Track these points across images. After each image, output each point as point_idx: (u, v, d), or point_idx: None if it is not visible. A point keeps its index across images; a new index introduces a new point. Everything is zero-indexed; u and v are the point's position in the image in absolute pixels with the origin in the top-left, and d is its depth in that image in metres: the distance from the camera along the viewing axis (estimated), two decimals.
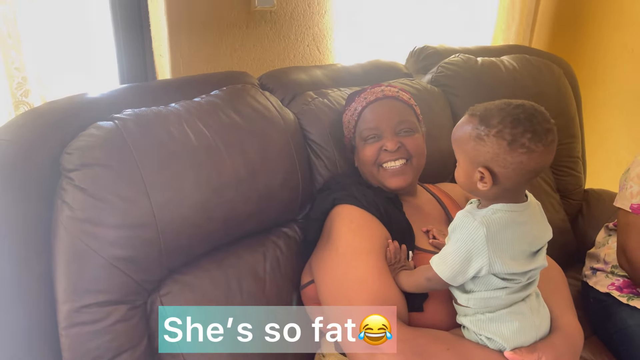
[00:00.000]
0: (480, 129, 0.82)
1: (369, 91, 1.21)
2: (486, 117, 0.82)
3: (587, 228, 1.89)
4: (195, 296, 1.05)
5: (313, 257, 1.09)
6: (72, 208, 0.93)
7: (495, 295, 0.86)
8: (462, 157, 0.87)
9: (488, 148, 0.81)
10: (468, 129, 0.84)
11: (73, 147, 0.96)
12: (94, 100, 1.09)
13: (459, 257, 0.84)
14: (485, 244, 0.82)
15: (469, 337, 0.90)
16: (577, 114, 1.94)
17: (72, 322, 0.93)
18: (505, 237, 0.83)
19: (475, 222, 0.83)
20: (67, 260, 0.93)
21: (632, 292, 1.41)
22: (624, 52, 2.31)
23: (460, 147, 0.87)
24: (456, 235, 0.85)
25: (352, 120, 1.20)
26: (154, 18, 1.48)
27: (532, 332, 0.88)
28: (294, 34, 1.73)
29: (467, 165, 0.86)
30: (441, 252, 0.88)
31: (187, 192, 1.00)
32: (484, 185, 0.84)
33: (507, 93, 1.68)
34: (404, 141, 1.13)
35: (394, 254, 0.98)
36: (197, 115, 1.09)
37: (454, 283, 0.87)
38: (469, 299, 0.88)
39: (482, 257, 0.82)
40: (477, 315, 0.89)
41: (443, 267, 0.86)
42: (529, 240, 0.86)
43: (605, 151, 2.45)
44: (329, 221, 1.06)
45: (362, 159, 1.17)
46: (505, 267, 0.83)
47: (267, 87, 1.36)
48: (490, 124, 0.81)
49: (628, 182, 1.43)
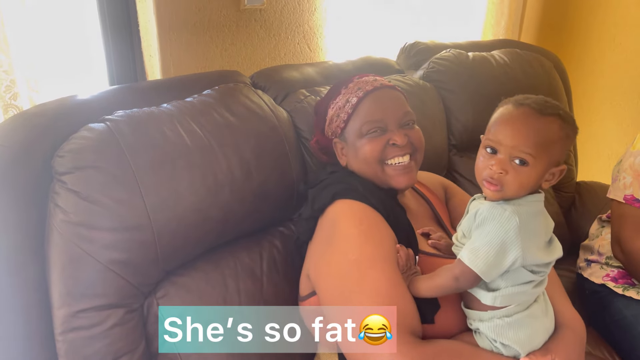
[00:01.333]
0: (568, 129, 0.82)
1: (360, 81, 1.09)
2: (566, 114, 0.82)
3: (580, 220, 1.90)
4: (192, 298, 1.04)
5: (311, 264, 0.98)
6: (66, 212, 0.92)
7: (523, 290, 0.84)
8: (544, 158, 0.81)
9: (570, 144, 0.84)
10: (556, 129, 0.81)
11: (65, 150, 0.94)
12: (84, 102, 1.07)
13: (493, 249, 0.79)
14: (519, 234, 0.79)
15: (482, 344, 0.87)
16: (567, 107, 1.95)
17: (69, 327, 0.92)
18: (534, 227, 0.82)
19: (506, 212, 0.80)
20: (62, 265, 0.92)
21: (627, 283, 1.42)
22: (612, 46, 2.33)
23: (545, 148, 0.80)
24: (486, 227, 0.81)
25: (344, 113, 1.06)
26: (142, 18, 1.47)
27: (543, 334, 0.88)
28: (284, 32, 1.72)
29: (546, 167, 0.82)
30: (470, 247, 0.82)
31: (182, 193, 0.99)
32: (549, 183, 0.84)
33: (499, 87, 1.68)
34: (409, 134, 1.04)
35: (406, 260, 0.90)
36: (190, 115, 1.07)
37: (488, 278, 0.82)
38: (495, 297, 0.84)
39: (516, 248, 0.79)
40: (495, 320, 0.85)
41: (477, 261, 0.80)
42: (546, 230, 0.86)
43: (596, 143, 2.47)
44: (327, 219, 0.95)
45: (362, 157, 1.03)
46: (535, 258, 0.82)
47: (260, 86, 1.35)
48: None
49: (621, 173, 1.44)
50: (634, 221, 1.38)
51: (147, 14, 1.45)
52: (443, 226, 1.13)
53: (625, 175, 1.42)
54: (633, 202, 1.38)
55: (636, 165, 1.40)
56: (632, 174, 1.40)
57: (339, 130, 1.09)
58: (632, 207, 1.39)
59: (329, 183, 1.02)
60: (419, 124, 1.45)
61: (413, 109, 1.47)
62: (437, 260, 0.98)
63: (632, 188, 1.39)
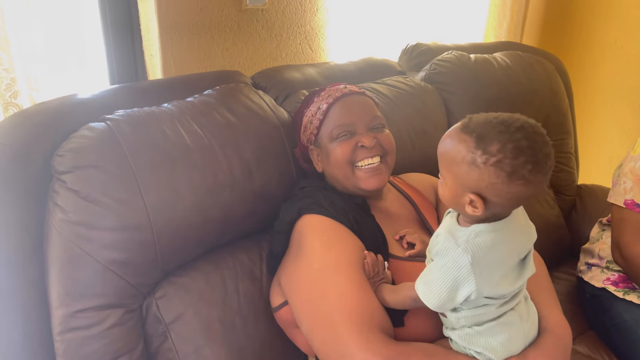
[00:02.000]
0: (477, 154, 0.74)
1: (331, 89, 1.13)
2: (484, 140, 0.74)
3: (581, 223, 1.89)
4: (192, 298, 1.03)
5: (282, 275, 1.01)
6: (65, 211, 0.91)
7: (485, 312, 0.83)
8: (449, 177, 0.79)
9: (484, 176, 0.74)
10: (461, 150, 0.76)
11: (65, 149, 0.94)
12: (84, 101, 1.07)
13: (446, 285, 0.78)
14: (472, 271, 0.76)
15: (457, 350, 0.87)
16: (569, 110, 1.95)
17: (67, 327, 0.92)
18: (492, 258, 0.78)
19: (459, 249, 0.77)
20: (61, 264, 0.91)
21: (628, 287, 1.42)
22: (613, 48, 2.33)
23: (449, 166, 0.78)
24: (440, 261, 0.80)
25: (316, 119, 1.09)
26: (144, 18, 1.47)
27: (521, 340, 0.86)
28: (285, 33, 1.72)
29: (455, 186, 0.79)
30: (425, 277, 0.82)
31: (182, 193, 0.99)
32: (474, 211, 0.77)
33: (501, 90, 1.68)
34: (378, 137, 1.06)
35: (372, 266, 0.92)
36: (191, 115, 1.07)
37: (442, 310, 0.83)
38: (459, 317, 0.84)
39: (469, 284, 0.77)
40: (465, 329, 0.84)
41: (430, 296, 0.80)
42: (515, 254, 0.82)
43: (597, 147, 2.46)
44: (296, 233, 0.99)
45: (334, 160, 1.06)
46: (495, 289, 0.80)
47: (261, 86, 1.34)
48: (488, 151, 0.73)
49: (621, 177, 1.43)
50: (634, 226, 1.37)
51: (149, 13, 1.44)
52: (428, 228, 1.13)
53: (625, 180, 1.41)
54: (633, 207, 1.38)
55: (636, 170, 1.39)
56: (633, 178, 1.39)
57: (312, 137, 1.11)
58: (632, 212, 1.38)
59: (297, 198, 1.05)
60: (420, 125, 1.46)
61: (414, 110, 1.48)
62: (408, 264, 0.99)
63: (633, 193, 1.38)
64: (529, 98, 1.76)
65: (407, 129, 1.43)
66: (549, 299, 0.98)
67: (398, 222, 1.10)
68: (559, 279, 1.72)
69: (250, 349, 1.05)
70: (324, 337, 0.88)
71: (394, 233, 1.06)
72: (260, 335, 1.07)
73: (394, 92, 1.48)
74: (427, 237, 1.10)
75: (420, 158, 1.44)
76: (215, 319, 1.03)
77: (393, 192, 1.19)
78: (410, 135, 1.43)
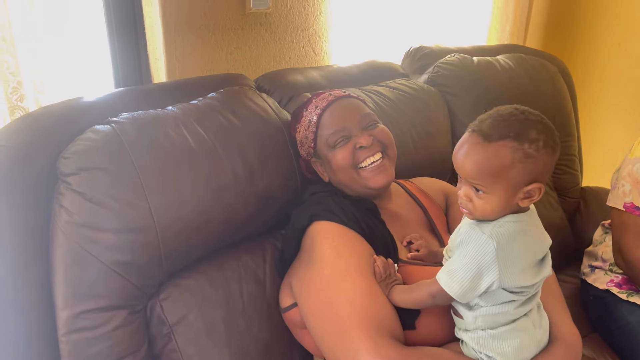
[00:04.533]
0: (526, 147, 0.76)
1: (317, 99, 1.13)
2: (521, 134, 0.77)
3: (585, 226, 1.89)
4: (196, 300, 1.04)
5: (294, 279, 1.02)
6: (70, 213, 0.92)
7: (504, 311, 0.83)
8: (500, 187, 0.78)
9: (539, 162, 0.77)
10: (506, 154, 0.77)
11: (70, 152, 0.95)
12: (89, 104, 1.08)
13: (469, 273, 0.79)
14: (496, 258, 0.77)
15: (468, 353, 0.87)
16: (573, 112, 1.94)
17: (72, 328, 0.92)
18: (515, 249, 0.80)
19: (484, 235, 0.79)
20: (66, 266, 0.92)
21: (632, 289, 1.41)
22: (617, 51, 2.32)
23: (496, 177, 0.78)
24: (464, 250, 0.81)
25: (310, 133, 1.11)
26: (148, 21, 1.48)
27: (533, 348, 0.86)
28: (289, 36, 1.73)
29: (507, 192, 0.79)
30: (447, 268, 0.83)
31: (186, 195, 0.99)
32: (531, 200, 0.80)
33: (504, 92, 1.68)
34: (373, 133, 1.07)
35: (383, 268, 0.92)
36: (195, 118, 1.08)
37: (464, 300, 0.82)
38: (476, 316, 0.84)
39: (492, 272, 0.78)
40: (478, 331, 0.85)
41: (452, 284, 0.80)
42: (536, 249, 0.84)
43: (601, 149, 2.46)
44: (308, 239, 0.99)
45: (336, 167, 1.07)
46: (515, 281, 0.80)
47: (264, 89, 1.35)
48: (531, 139, 0.76)
49: (620, 181, 1.43)
50: (634, 230, 1.37)
51: (153, 16, 1.46)
52: (437, 234, 1.13)
53: (624, 183, 1.41)
54: (633, 210, 1.37)
55: (634, 173, 1.39)
56: (631, 181, 1.39)
57: (311, 150, 1.13)
58: (632, 215, 1.38)
59: (308, 205, 1.05)
60: (423, 128, 1.47)
61: (417, 112, 1.48)
62: (418, 268, 0.99)
63: (632, 195, 1.38)
64: (532, 100, 1.76)
65: (410, 131, 1.44)
66: (560, 306, 0.99)
67: (408, 226, 1.10)
68: (562, 282, 1.71)
69: (254, 350, 1.05)
70: (333, 342, 0.88)
71: (403, 237, 1.06)
72: (264, 337, 1.07)
73: (397, 94, 1.48)
74: (435, 241, 1.10)
75: (423, 160, 1.44)
76: (219, 321, 1.04)
77: (404, 196, 1.19)
78: (413, 137, 1.44)
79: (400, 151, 1.36)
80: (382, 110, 1.41)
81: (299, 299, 0.99)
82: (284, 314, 1.07)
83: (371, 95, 1.44)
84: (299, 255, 1.02)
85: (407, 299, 0.88)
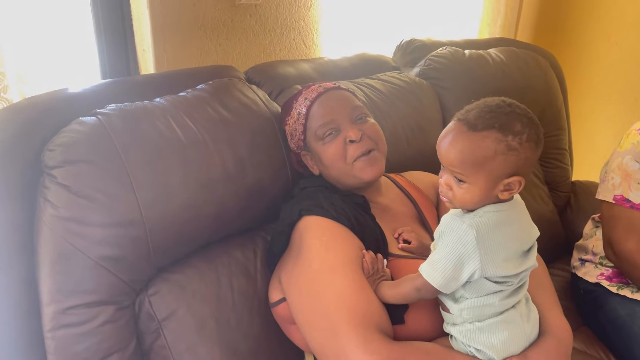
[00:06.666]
0: (509, 140, 0.77)
1: (306, 91, 1.12)
2: (505, 126, 0.77)
3: (576, 219, 1.90)
4: (185, 295, 1.02)
5: (282, 273, 1.01)
6: (56, 207, 0.90)
7: (489, 302, 0.83)
8: (481, 176, 0.79)
9: (521, 155, 0.77)
10: (490, 145, 0.77)
11: (55, 144, 0.93)
12: (75, 95, 1.06)
13: (450, 263, 0.79)
14: (477, 247, 0.78)
15: (457, 348, 0.86)
16: (563, 106, 1.95)
17: (58, 324, 0.91)
18: (496, 238, 0.80)
19: (464, 224, 0.79)
20: (52, 261, 0.90)
21: (622, 282, 1.42)
22: (607, 45, 2.33)
23: (479, 167, 0.78)
24: (445, 240, 0.81)
25: (299, 125, 1.09)
26: (136, 12, 1.45)
27: (522, 340, 0.86)
28: (279, 28, 1.71)
29: (488, 182, 0.79)
30: (430, 259, 0.83)
31: (175, 189, 0.97)
32: (510, 193, 0.80)
33: (495, 85, 1.67)
34: (363, 129, 1.05)
35: (371, 264, 0.91)
36: (184, 110, 1.06)
37: (447, 290, 0.82)
38: (461, 309, 0.84)
39: (474, 261, 0.78)
40: (466, 324, 0.84)
41: (434, 274, 0.81)
42: (520, 239, 0.84)
43: (591, 142, 2.47)
44: (297, 234, 0.98)
45: (326, 162, 1.06)
46: (498, 270, 0.80)
47: (254, 81, 1.33)
48: (516, 132, 0.77)
49: (609, 174, 1.43)
50: (624, 222, 1.37)
51: (141, 7, 1.43)
52: (427, 227, 1.13)
53: (613, 176, 1.41)
54: (623, 203, 1.38)
55: (624, 165, 1.39)
56: (620, 174, 1.40)
57: (301, 143, 1.12)
58: (622, 207, 1.38)
59: (298, 199, 1.04)
60: (415, 121, 1.46)
61: (409, 106, 1.47)
62: (408, 262, 0.98)
63: (621, 188, 1.38)
64: (523, 94, 1.76)
65: (402, 124, 1.43)
66: (550, 300, 0.98)
67: (398, 219, 1.10)
68: (553, 275, 1.71)
69: (244, 346, 1.04)
70: (322, 337, 0.87)
71: (394, 231, 1.06)
72: (255, 332, 1.06)
73: (388, 87, 1.47)
74: (426, 235, 1.10)
75: (415, 153, 1.43)
76: (209, 316, 1.02)
77: (394, 189, 1.18)
78: (405, 131, 1.43)
79: (392, 145, 1.35)
80: (374, 103, 1.39)
81: (287, 294, 0.99)
82: (273, 308, 1.06)
83: (362, 88, 1.42)
84: (288, 249, 1.01)
85: (394, 294, 0.88)
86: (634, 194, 1.36)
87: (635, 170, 1.37)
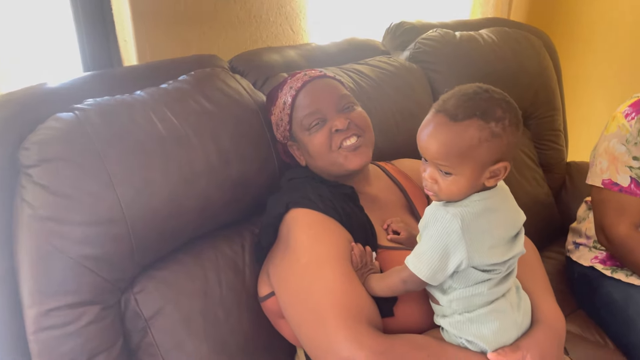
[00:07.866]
0: (492, 126, 0.75)
1: (292, 80, 1.09)
2: (487, 112, 0.76)
3: (571, 201, 1.88)
4: (172, 292, 1.00)
5: (271, 267, 1.00)
6: (33, 206, 0.88)
7: (477, 292, 0.81)
8: (467, 166, 0.77)
9: (504, 140, 0.76)
10: (473, 133, 0.76)
11: (31, 142, 0.90)
12: (53, 90, 1.03)
13: (436, 254, 0.78)
14: (462, 236, 0.77)
15: (449, 340, 0.85)
16: (558, 87, 1.92)
17: (41, 326, 0.89)
18: (482, 226, 0.79)
19: (448, 214, 0.78)
20: (32, 262, 0.88)
21: (616, 265, 1.41)
22: (602, 24, 2.29)
23: (464, 156, 0.77)
24: (429, 231, 0.80)
25: (285, 115, 1.07)
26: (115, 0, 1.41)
27: (513, 330, 0.84)
28: (265, 14, 1.66)
29: (475, 171, 0.78)
30: (415, 251, 0.82)
31: (157, 184, 0.95)
32: (496, 179, 0.79)
33: (488, 67, 1.65)
34: (350, 117, 1.03)
35: (359, 257, 0.90)
36: (164, 103, 1.03)
37: (434, 282, 0.80)
38: (450, 300, 0.83)
39: (460, 251, 0.77)
40: (455, 316, 0.83)
41: (420, 265, 0.79)
42: (505, 226, 0.82)
43: (586, 124, 2.44)
44: (284, 227, 0.97)
45: (313, 152, 1.04)
46: (485, 258, 0.79)
47: (238, 70, 1.30)
48: (497, 118, 0.76)
49: (597, 158, 1.42)
50: (614, 207, 1.36)
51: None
52: (417, 216, 1.11)
53: (601, 160, 1.40)
54: (611, 187, 1.36)
55: (610, 149, 1.37)
56: (608, 157, 1.38)
57: (287, 133, 1.09)
58: (611, 191, 1.36)
59: (285, 191, 1.03)
60: (405, 106, 1.43)
61: (399, 91, 1.44)
62: (398, 253, 0.97)
63: (609, 172, 1.37)
64: (516, 75, 1.73)
65: (392, 110, 1.40)
66: (542, 288, 0.97)
67: (387, 209, 1.08)
68: (548, 258, 1.71)
69: (233, 341, 1.02)
70: (311, 330, 0.87)
71: (383, 222, 1.04)
72: (244, 327, 1.04)
73: (377, 72, 1.44)
74: (415, 224, 1.08)
75: (406, 139, 1.40)
76: (196, 312, 1.01)
77: (383, 178, 1.17)
78: (395, 116, 1.40)
79: (383, 132, 1.33)
80: (363, 89, 1.36)
81: (276, 288, 0.97)
82: (262, 303, 1.04)
83: (351, 74, 1.39)
84: (276, 243, 1.00)
85: (381, 287, 0.87)
86: (622, 177, 1.34)
87: (621, 153, 1.35)
